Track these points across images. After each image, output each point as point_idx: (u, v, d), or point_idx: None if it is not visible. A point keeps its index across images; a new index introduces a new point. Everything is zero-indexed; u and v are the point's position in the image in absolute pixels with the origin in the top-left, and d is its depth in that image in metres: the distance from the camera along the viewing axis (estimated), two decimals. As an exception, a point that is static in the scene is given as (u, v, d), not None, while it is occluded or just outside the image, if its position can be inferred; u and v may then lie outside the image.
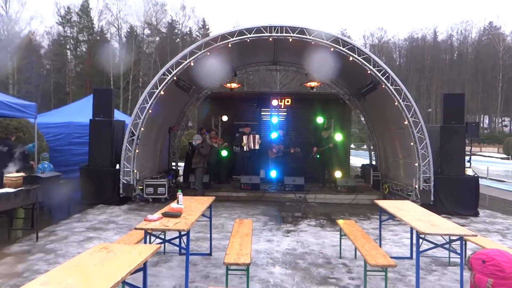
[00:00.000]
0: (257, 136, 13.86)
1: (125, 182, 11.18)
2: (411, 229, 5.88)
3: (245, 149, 13.62)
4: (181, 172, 15.58)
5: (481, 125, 64.14)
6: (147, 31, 58.44)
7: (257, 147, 13.70)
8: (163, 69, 11.29)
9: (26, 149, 10.09)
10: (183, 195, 6.06)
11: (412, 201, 10.04)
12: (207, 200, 6.56)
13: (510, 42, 67.72)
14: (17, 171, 8.08)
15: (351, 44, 11.02)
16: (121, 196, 11.19)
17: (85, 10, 58.21)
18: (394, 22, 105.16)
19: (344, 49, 10.80)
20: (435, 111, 62.69)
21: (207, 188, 12.59)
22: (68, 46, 58.64)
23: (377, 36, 76.29)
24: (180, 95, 12.85)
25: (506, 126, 66.94)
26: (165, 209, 5.57)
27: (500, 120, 67.36)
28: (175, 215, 5.19)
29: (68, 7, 57.52)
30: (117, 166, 11.26)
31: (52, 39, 58.73)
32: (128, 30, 54.68)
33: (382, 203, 6.61)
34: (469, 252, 6.24)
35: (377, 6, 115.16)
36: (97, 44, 54.88)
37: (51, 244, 7.17)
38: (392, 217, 6.20)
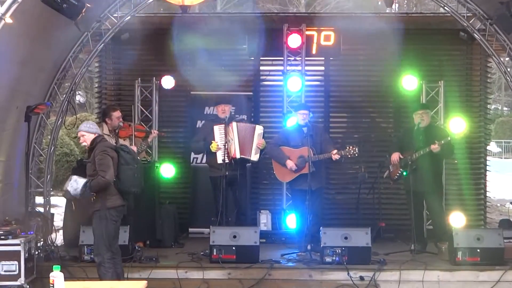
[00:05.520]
0: (257, 128, 7.48)
1: None
2: None
3: (220, 161, 7.30)
4: (60, 221, 9.47)
5: None
6: None
7: (253, 157, 7.42)
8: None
9: None
10: (66, 277, 3.82)
11: None
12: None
13: None
14: None
15: None
16: None
17: None
18: None
19: None
20: None
21: (127, 260, 7.00)
22: None
23: None
24: (54, 25, 7.20)
25: None
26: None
27: None
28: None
29: None
30: None
31: None
32: None
33: None
34: None
35: None
36: None
37: None
38: None
